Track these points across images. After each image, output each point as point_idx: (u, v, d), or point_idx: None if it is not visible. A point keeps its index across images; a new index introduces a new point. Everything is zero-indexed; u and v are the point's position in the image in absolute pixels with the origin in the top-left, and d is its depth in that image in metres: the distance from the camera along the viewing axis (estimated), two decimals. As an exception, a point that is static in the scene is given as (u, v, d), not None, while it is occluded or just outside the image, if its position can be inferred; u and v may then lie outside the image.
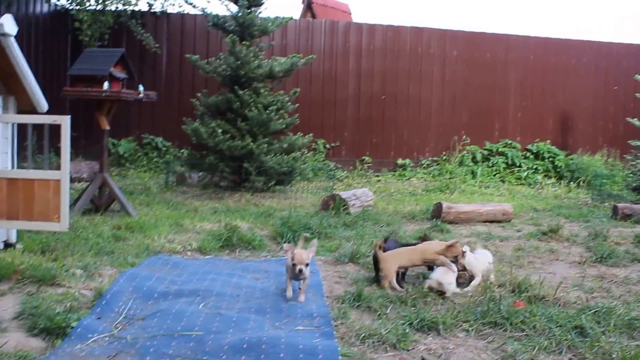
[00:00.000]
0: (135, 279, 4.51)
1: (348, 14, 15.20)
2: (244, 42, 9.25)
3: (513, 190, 11.17)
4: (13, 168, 5.26)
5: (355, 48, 12.76)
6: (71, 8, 11.39)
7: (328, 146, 12.57)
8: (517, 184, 12.02)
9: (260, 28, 9.70)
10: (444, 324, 3.78)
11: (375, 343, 3.52)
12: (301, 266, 4.18)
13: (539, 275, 5.01)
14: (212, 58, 9.94)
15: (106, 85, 6.65)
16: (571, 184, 11.65)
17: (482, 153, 12.92)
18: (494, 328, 3.81)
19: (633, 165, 9.83)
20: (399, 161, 12.82)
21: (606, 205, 9.30)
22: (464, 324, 3.85)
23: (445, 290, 4.44)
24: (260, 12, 9.91)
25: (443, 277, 4.48)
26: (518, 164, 12.71)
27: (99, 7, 11.50)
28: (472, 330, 3.77)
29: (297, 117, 9.89)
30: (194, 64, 9.93)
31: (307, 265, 4.22)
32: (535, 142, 13.22)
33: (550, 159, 12.89)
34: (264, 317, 3.89)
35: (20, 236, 5.42)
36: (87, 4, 11.39)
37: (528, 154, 13.07)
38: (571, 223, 7.93)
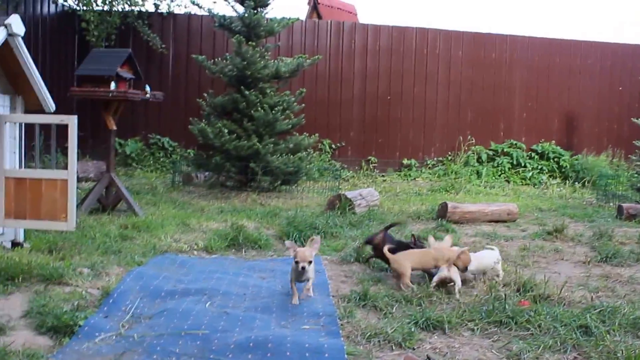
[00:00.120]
0: (142, 278, 4.53)
1: (354, 15, 15.23)
2: (250, 43, 9.28)
3: (518, 190, 11.17)
4: (21, 168, 5.28)
5: (361, 48, 12.76)
6: (78, 9, 11.43)
7: (334, 146, 12.58)
8: (522, 184, 12.02)
9: (266, 29, 9.73)
10: (450, 323, 3.79)
11: (381, 342, 3.53)
12: (304, 264, 4.12)
13: (544, 274, 5.00)
14: (219, 58, 9.95)
15: (113, 85, 6.69)
16: (576, 184, 11.64)
17: (487, 153, 12.91)
18: (499, 327, 3.81)
19: (638, 165, 9.79)
20: (405, 161, 12.83)
21: (611, 205, 9.28)
22: (469, 323, 3.86)
23: (455, 281, 4.49)
24: (266, 13, 9.93)
25: (453, 270, 4.54)
26: (523, 164, 12.70)
27: (106, 8, 11.56)
28: (478, 329, 3.78)
29: (303, 118, 9.91)
30: (201, 65, 9.95)
31: (310, 262, 4.16)
32: (540, 143, 13.20)
33: (555, 159, 12.88)
34: (270, 316, 3.90)
35: (27, 235, 5.45)
36: (94, 5, 11.45)
37: (533, 154, 13.05)
38: (576, 223, 7.93)
